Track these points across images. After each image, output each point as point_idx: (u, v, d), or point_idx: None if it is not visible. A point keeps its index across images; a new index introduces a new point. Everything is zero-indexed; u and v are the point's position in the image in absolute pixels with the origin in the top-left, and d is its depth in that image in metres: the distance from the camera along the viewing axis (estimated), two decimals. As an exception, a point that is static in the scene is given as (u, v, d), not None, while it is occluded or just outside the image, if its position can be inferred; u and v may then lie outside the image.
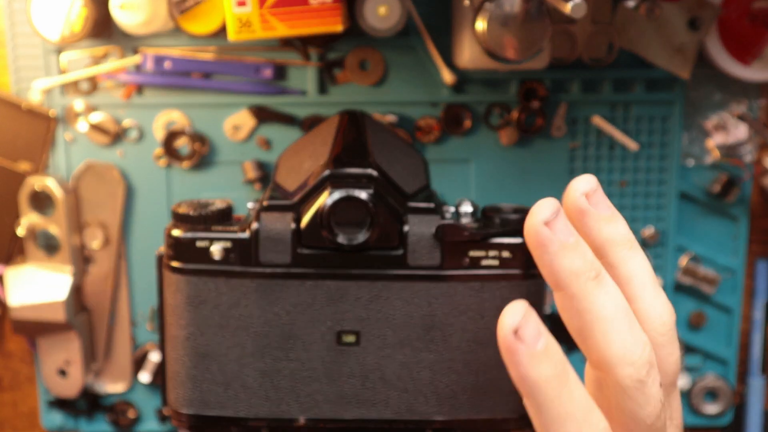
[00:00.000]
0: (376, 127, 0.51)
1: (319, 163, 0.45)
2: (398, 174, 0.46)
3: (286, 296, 0.43)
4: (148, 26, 0.61)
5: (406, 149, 0.52)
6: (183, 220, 0.44)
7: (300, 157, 0.48)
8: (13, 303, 0.66)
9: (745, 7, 0.64)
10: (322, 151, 0.47)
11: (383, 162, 0.46)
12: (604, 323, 0.33)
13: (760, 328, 0.71)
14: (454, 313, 0.44)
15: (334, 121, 0.51)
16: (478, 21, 0.51)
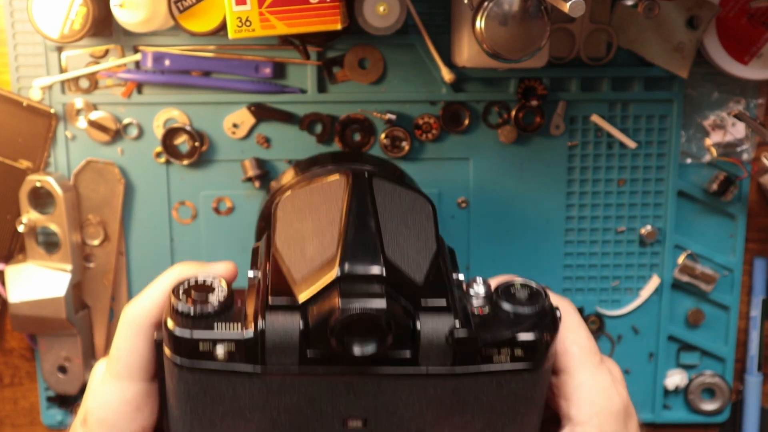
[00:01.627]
0: (384, 192, 0.47)
1: (326, 256, 0.43)
2: (409, 258, 0.44)
3: (293, 392, 0.42)
4: (148, 24, 0.61)
5: (414, 205, 0.48)
6: (183, 317, 0.42)
7: (302, 229, 0.45)
8: (14, 300, 0.66)
9: (744, 6, 0.64)
10: (327, 231, 0.44)
11: (395, 250, 0.44)
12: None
13: (757, 325, 0.72)
14: (465, 406, 0.44)
15: (339, 187, 0.46)
16: (477, 19, 0.51)
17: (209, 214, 0.69)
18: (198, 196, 0.68)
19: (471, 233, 0.69)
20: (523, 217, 0.69)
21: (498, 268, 0.69)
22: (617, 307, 0.71)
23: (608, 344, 0.71)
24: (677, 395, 0.73)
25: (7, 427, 0.73)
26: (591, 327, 0.70)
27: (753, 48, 0.65)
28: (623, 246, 0.70)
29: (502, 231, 0.69)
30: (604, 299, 0.71)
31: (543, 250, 0.69)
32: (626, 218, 0.69)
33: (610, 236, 0.69)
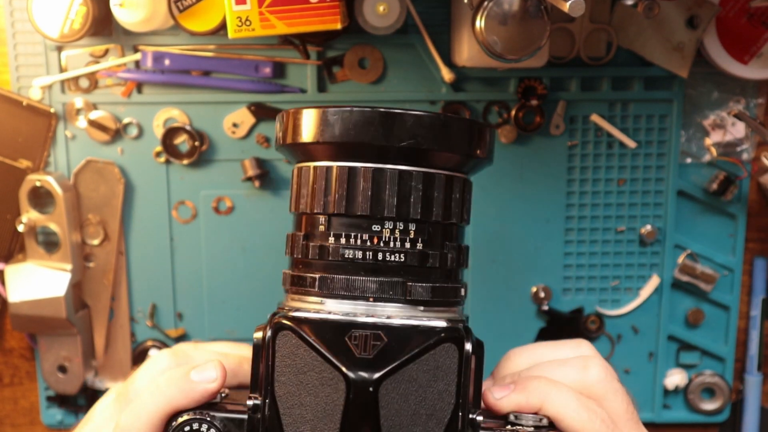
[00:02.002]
0: (392, 397, 0.44)
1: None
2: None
3: None
4: (147, 24, 0.61)
5: (432, 377, 0.45)
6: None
7: (300, 398, 0.45)
8: (13, 299, 0.66)
9: (744, 6, 0.64)
10: (324, 429, 0.44)
11: None
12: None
13: (757, 325, 0.72)
14: None
15: (338, 393, 0.44)
16: (477, 19, 0.51)
17: (209, 214, 0.69)
18: (198, 196, 0.68)
19: (471, 233, 0.69)
20: (523, 217, 0.69)
21: (498, 268, 0.69)
22: (617, 307, 0.71)
23: (608, 344, 0.71)
24: (677, 395, 0.73)
25: (7, 426, 0.73)
26: (591, 327, 0.70)
27: (753, 48, 0.65)
28: (623, 246, 0.70)
29: (502, 231, 0.69)
30: (604, 299, 0.71)
31: (543, 250, 0.69)
32: (626, 218, 0.69)
33: (610, 236, 0.69)
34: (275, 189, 0.68)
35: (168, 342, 0.71)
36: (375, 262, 0.45)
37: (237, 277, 0.70)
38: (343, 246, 0.45)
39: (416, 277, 0.45)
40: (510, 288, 0.70)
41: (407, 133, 0.44)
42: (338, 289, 0.45)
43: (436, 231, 0.46)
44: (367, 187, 0.44)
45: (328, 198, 0.45)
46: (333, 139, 0.44)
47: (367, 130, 0.44)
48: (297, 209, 0.47)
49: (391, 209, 0.44)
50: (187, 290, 0.70)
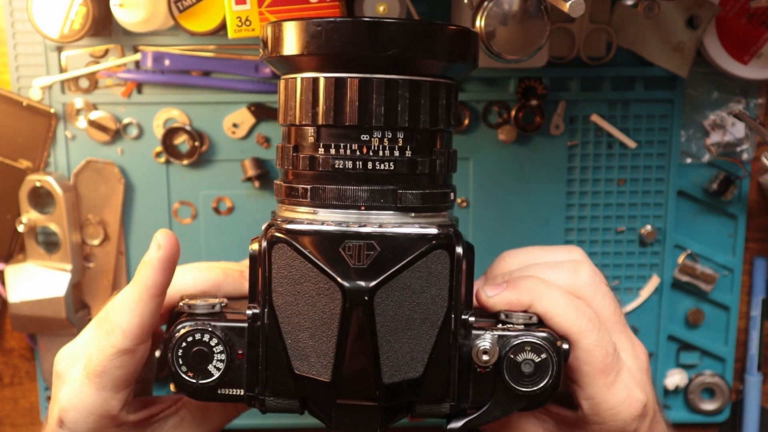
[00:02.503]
0: (388, 302, 0.45)
1: (321, 365, 0.45)
2: (409, 359, 0.45)
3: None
4: (147, 24, 0.61)
5: (425, 281, 0.45)
6: (187, 387, 0.46)
7: (299, 308, 0.45)
8: (13, 300, 0.66)
9: (744, 6, 0.64)
10: (323, 335, 0.45)
11: (392, 364, 0.45)
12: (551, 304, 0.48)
13: (757, 325, 0.72)
14: None
15: (334, 300, 0.45)
16: (477, 19, 0.51)
17: (209, 214, 0.69)
18: (198, 196, 0.68)
19: (471, 233, 0.69)
20: (523, 217, 0.69)
21: (498, 268, 0.69)
22: (617, 307, 0.71)
23: (608, 344, 0.71)
24: (677, 395, 0.73)
25: (7, 426, 0.73)
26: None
27: (753, 48, 0.65)
28: (623, 246, 0.70)
29: (502, 231, 0.69)
30: (604, 299, 0.71)
31: (543, 250, 0.69)
32: (626, 218, 0.69)
33: (610, 236, 0.69)
34: (275, 189, 0.68)
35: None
36: (365, 171, 0.45)
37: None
38: (333, 156, 0.45)
39: (406, 185, 0.45)
40: (510, 288, 0.70)
41: (392, 42, 0.43)
42: (330, 199, 0.45)
43: (424, 137, 0.46)
44: (354, 97, 0.44)
45: (317, 109, 0.45)
46: (319, 51, 0.44)
47: (353, 41, 0.43)
48: (285, 121, 0.47)
49: (378, 118, 0.44)
50: (187, 290, 0.70)
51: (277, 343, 0.45)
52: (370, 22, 0.43)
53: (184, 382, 0.46)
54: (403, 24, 0.44)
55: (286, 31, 0.45)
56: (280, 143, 0.48)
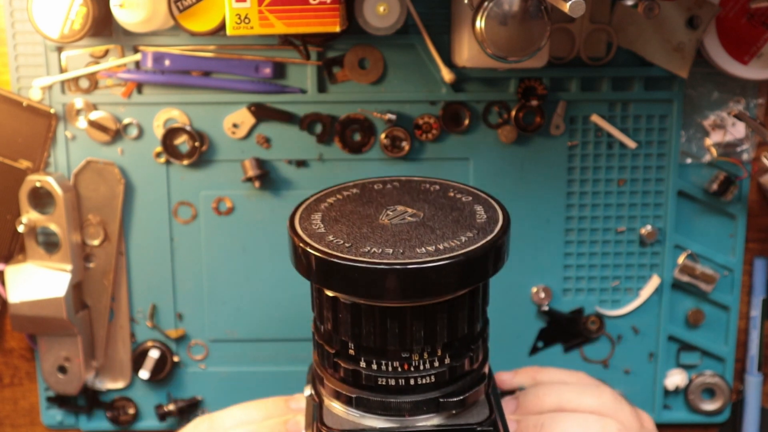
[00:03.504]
0: None
1: None
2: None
3: None
4: (147, 24, 0.61)
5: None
6: None
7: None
8: (14, 300, 0.66)
9: (744, 6, 0.64)
10: None
11: None
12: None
13: (757, 325, 0.72)
14: None
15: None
16: (477, 19, 0.51)
17: (209, 214, 0.69)
18: (198, 196, 0.68)
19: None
20: (523, 217, 0.69)
21: (498, 268, 0.69)
22: (617, 307, 0.71)
23: (608, 344, 0.71)
24: (677, 395, 0.73)
25: (7, 427, 0.73)
26: (591, 327, 0.70)
27: (753, 48, 0.65)
28: (623, 246, 0.70)
29: (502, 231, 0.69)
30: (604, 299, 0.71)
31: (543, 250, 0.69)
32: (626, 218, 0.69)
33: (610, 236, 0.69)
34: (275, 189, 0.68)
35: (168, 342, 0.71)
36: (407, 386, 0.47)
37: (237, 278, 0.70)
38: (375, 372, 0.47)
39: (447, 390, 0.47)
40: (510, 288, 0.70)
41: (432, 286, 0.43)
42: (375, 408, 0.47)
43: (462, 342, 0.48)
44: (395, 325, 0.45)
45: (357, 330, 0.46)
46: (360, 293, 0.45)
47: (392, 288, 0.43)
48: (322, 322, 0.48)
49: (419, 341, 0.46)
50: (187, 291, 0.70)
51: None
52: (404, 272, 0.43)
53: None
54: (438, 269, 0.43)
55: (325, 266, 0.44)
56: (319, 335, 0.49)
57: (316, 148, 0.67)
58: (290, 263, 0.71)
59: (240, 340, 0.71)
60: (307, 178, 0.68)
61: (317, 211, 0.48)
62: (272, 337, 0.71)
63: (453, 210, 0.48)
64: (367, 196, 0.50)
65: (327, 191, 0.51)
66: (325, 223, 0.47)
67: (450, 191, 0.50)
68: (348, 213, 0.48)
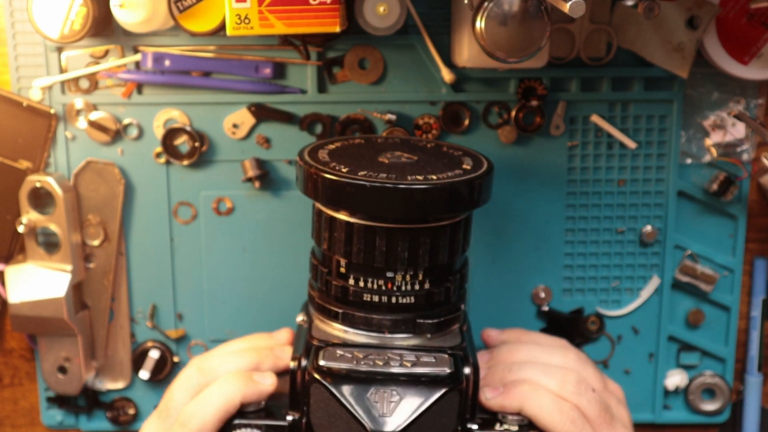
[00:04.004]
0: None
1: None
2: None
3: None
4: (148, 24, 0.61)
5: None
6: None
7: None
8: (14, 300, 0.66)
9: (744, 6, 0.64)
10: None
11: None
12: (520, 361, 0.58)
13: (757, 325, 0.72)
14: None
15: None
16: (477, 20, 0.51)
17: (209, 215, 0.69)
18: (198, 197, 0.68)
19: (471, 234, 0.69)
20: (523, 217, 0.69)
21: (498, 269, 0.69)
22: (617, 308, 0.71)
23: (608, 345, 0.71)
24: (677, 395, 0.73)
25: (7, 427, 0.73)
26: (591, 327, 0.70)
27: (753, 48, 0.65)
28: (623, 246, 0.70)
29: (502, 231, 0.69)
30: (605, 299, 0.71)
31: (543, 251, 0.69)
32: (626, 218, 0.69)
33: (610, 236, 0.69)
34: (275, 190, 0.68)
35: (168, 343, 0.71)
36: (389, 303, 0.52)
37: (237, 278, 0.70)
38: (362, 289, 0.52)
39: (424, 313, 0.53)
40: (510, 288, 0.70)
41: (418, 206, 0.49)
42: (358, 323, 0.53)
43: (441, 270, 0.53)
44: (382, 244, 0.51)
45: (349, 248, 0.52)
46: (354, 208, 0.50)
47: (384, 205, 0.49)
48: (319, 245, 0.54)
49: (403, 262, 0.51)
50: (187, 291, 0.70)
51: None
52: (397, 190, 0.48)
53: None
54: (428, 190, 0.49)
55: (327, 183, 0.50)
56: (314, 258, 0.55)
57: (316, 149, 0.67)
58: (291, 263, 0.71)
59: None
60: (307, 178, 0.68)
61: (324, 149, 0.54)
62: (272, 338, 0.71)
63: (444, 158, 0.54)
64: (370, 145, 0.56)
65: (334, 139, 0.57)
66: (330, 156, 0.53)
67: (444, 147, 0.57)
68: (351, 153, 0.54)
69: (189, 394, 0.56)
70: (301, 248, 0.69)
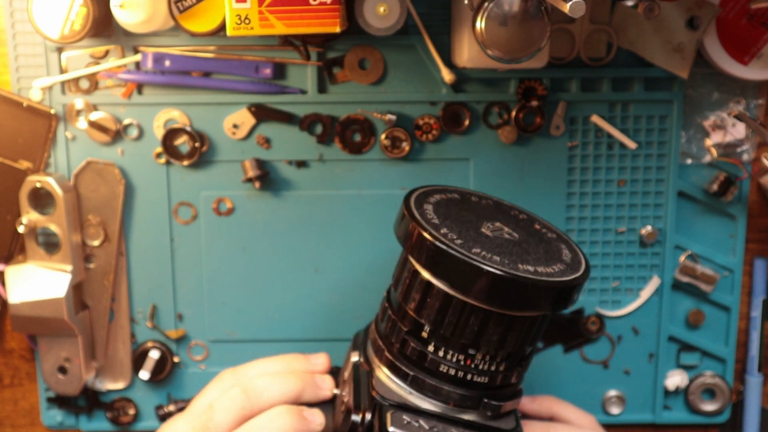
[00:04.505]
0: None
1: None
2: None
3: None
4: (148, 25, 0.61)
5: None
6: None
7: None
8: (14, 300, 0.66)
9: (744, 6, 0.64)
10: None
11: None
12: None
13: (757, 326, 0.72)
14: None
15: None
16: (478, 20, 0.51)
17: (209, 215, 0.69)
18: (198, 197, 0.68)
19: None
20: (523, 218, 0.69)
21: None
22: (617, 308, 0.71)
23: (608, 345, 0.71)
24: (677, 396, 0.73)
25: (7, 427, 0.73)
26: (591, 327, 0.70)
27: (753, 48, 0.65)
28: (623, 246, 0.70)
29: (503, 231, 0.69)
30: (605, 300, 0.71)
31: (543, 251, 0.69)
32: (626, 219, 0.69)
33: (610, 236, 0.69)
34: (276, 190, 0.68)
35: (168, 343, 0.71)
36: (463, 379, 0.51)
37: (237, 278, 0.70)
38: (440, 359, 0.51)
39: (492, 393, 0.52)
40: (510, 289, 0.70)
41: (527, 300, 0.48)
42: (427, 390, 0.52)
43: (519, 357, 0.53)
44: (476, 323, 0.49)
45: (440, 318, 0.50)
46: (461, 286, 0.48)
47: (493, 291, 0.48)
48: (405, 302, 0.52)
49: (490, 344, 0.50)
50: (187, 291, 0.70)
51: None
52: (515, 281, 0.47)
53: None
54: (540, 287, 0.48)
55: (438, 251, 0.48)
56: (392, 311, 0.53)
57: (316, 149, 0.67)
58: (291, 263, 0.71)
59: (240, 341, 0.71)
60: (307, 178, 0.68)
61: (428, 202, 0.53)
62: (272, 338, 0.71)
63: (542, 241, 0.53)
64: (466, 204, 0.55)
65: (431, 188, 0.56)
66: (437, 215, 0.51)
67: (536, 224, 0.55)
68: (454, 214, 0.52)
69: (233, 417, 0.54)
70: (302, 248, 0.69)
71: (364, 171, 0.68)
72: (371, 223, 0.69)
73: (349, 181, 0.68)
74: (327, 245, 0.69)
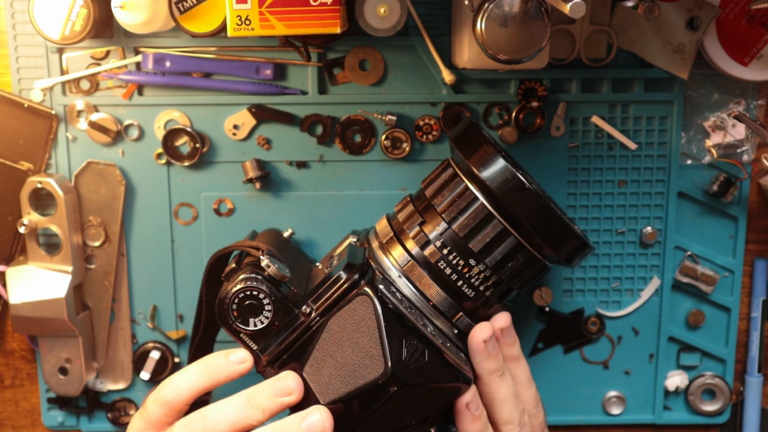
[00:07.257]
0: None
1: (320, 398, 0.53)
2: None
3: None
4: (148, 26, 0.61)
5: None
6: None
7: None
8: (15, 301, 0.66)
9: (744, 7, 0.64)
10: (336, 384, 0.53)
11: None
12: (501, 400, 0.56)
13: (757, 326, 0.72)
14: None
15: (371, 374, 0.53)
16: (478, 21, 0.51)
17: (210, 216, 0.69)
18: (199, 198, 0.68)
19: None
20: (523, 219, 0.69)
21: (498, 270, 0.69)
22: (618, 308, 0.71)
23: (608, 345, 0.72)
24: (678, 396, 0.73)
25: (8, 428, 0.73)
26: (591, 328, 0.71)
27: (753, 49, 0.65)
28: (624, 247, 0.70)
29: (503, 232, 0.69)
30: (605, 300, 0.71)
31: (543, 252, 0.70)
32: (627, 219, 0.69)
33: (610, 237, 0.70)
34: (276, 191, 0.68)
35: (169, 344, 0.71)
36: (452, 284, 0.54)
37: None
38: (441, 257, 0.54)
39: (469, 310, 0.55)
40: (511, 289, 0.70)
41: (551, 236, 0.53)
42: (416, 278, 0.54)
43: (505, 289, 0.55)
44: (489, 234, 0.53)
45: (460, 218, 0.54)
46: (493, 185, 0.52)
47: (521, 201, 0.52)
48: (429, 195, 0.55)
49: (492, 261, 0.53)
50: (188, 292, 0.70)
51: (306, 344, 0.53)
52: (549, 210, 0.52)
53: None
54: (569, 228, 0.53)
55: (483, 152, 0.53)
56: (412, 196, 0.57)
57: (316, 150, 0.67)
58: (291, 264, 0.70)
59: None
60: (307, 179, 0.68)
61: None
62: (273, 338, 0.71)
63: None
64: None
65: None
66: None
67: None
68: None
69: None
70: (302, 249, 0.69)
71: (365, 172, 0.68)
72: (372, 224, 0.69)
73: (350, 181, 0.68)
74: (327, 246, 0.69)
